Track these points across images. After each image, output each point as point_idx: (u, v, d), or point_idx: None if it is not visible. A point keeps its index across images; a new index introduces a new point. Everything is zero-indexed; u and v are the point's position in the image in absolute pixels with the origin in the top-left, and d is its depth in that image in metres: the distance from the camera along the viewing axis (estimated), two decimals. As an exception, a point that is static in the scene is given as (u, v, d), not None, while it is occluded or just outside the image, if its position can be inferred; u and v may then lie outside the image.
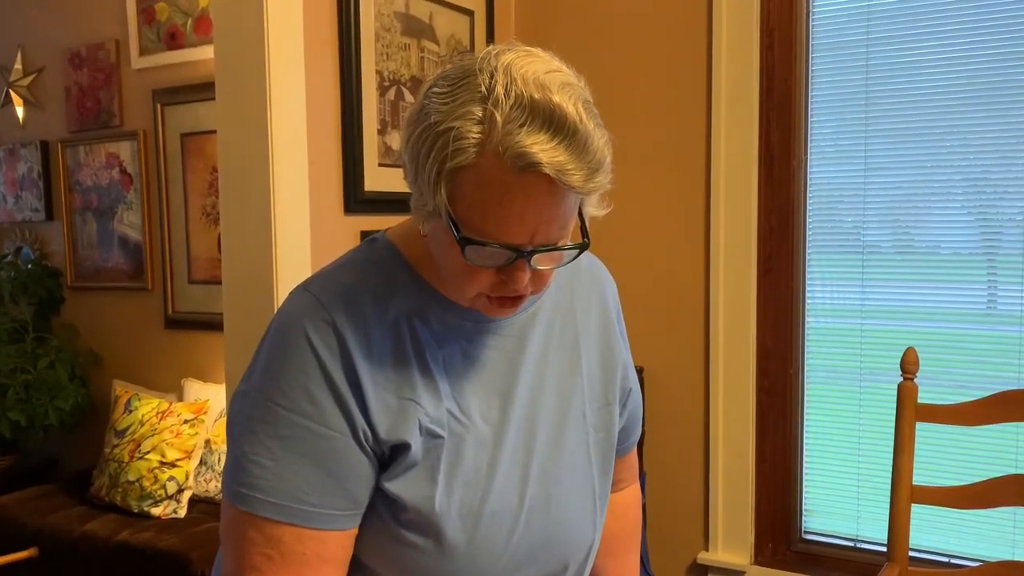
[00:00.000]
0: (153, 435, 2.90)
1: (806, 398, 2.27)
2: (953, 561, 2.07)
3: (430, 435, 0.88)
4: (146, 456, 2.86)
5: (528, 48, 0.81)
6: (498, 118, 0.75)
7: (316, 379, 0.85)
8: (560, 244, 0.83)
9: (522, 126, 0.75)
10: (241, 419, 0.87)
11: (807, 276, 2.23)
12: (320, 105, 1.94)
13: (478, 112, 0.76)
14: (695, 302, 2.30)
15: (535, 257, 0.81)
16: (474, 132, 0.76)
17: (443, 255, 0.85)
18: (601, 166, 0.78)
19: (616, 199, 0.88)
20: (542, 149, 0.75)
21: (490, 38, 2.41)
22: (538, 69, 0.78)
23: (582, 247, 0.85)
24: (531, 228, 0.79)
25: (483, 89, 0.77)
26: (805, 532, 2.30)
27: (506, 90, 0.76)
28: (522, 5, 2.52)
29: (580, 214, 0.84)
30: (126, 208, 3.43)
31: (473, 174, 0.77)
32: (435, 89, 0.80)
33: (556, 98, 0.76)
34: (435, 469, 0.88)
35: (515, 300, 0.88)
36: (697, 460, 2.32)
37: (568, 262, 0.86)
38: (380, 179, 2.08)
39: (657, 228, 2.34)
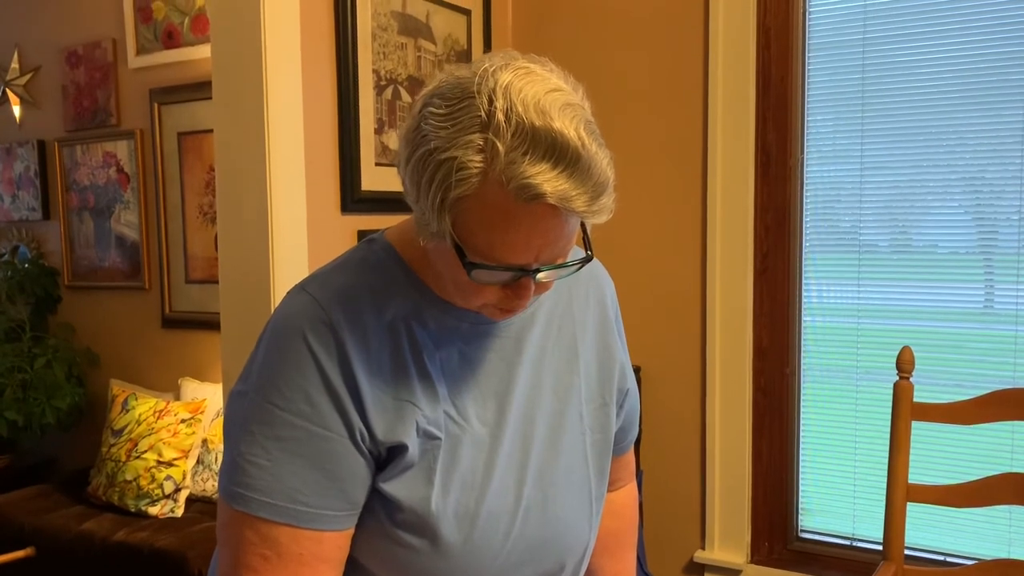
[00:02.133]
0: (150, 434, 2.90)
1: (802, 397, 2.27)
2: (948, 560, 2.08)
3: (427, 436, 0.88)
4: (143, 455, 2.86)
5: (526, 64, 0.80)
6: (500, 147, 0.75)
7: (313, 380, 0.85)
8: (564, 260, 0.84)
9: (525, 155, 0.75)
10: (238, 419, 0.87)
11: (803, 275, 2.24)
12: (317, 104, 1.94)
13: (479, 141, 0.76)
14: (692, 301, 2.30)
15: (540, 273, 0.82)
16: (476, 161, 0.76)
17: (448, 271, 0.86)
18: (604, 189, 0.78)
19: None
20: (545, 179, 0.74)
21: (487, 38, 2.41)
22: (537, 91, 0.77)
23: (586, 260, 0.86)
24: (536, 250, 0.80)
25: (482, 114, 0.76)
26: (801, 531, 2.31)
27: (506, 116, 0.75)
28: (519, 5, 2.52)
29: (582, 225, 0.85)
30: (123, 207, 3.43)
31: (477, 203, 0.77)
32: (431, 109, 0.79)
33: (557, 124, 0.75)
34: (432, 470, 0.88)
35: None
36: (694, 459, 2.32)
37: (571, 273, 0.87)
38: (377, 178, 2.08)
39: (654, 227, 2.34)
